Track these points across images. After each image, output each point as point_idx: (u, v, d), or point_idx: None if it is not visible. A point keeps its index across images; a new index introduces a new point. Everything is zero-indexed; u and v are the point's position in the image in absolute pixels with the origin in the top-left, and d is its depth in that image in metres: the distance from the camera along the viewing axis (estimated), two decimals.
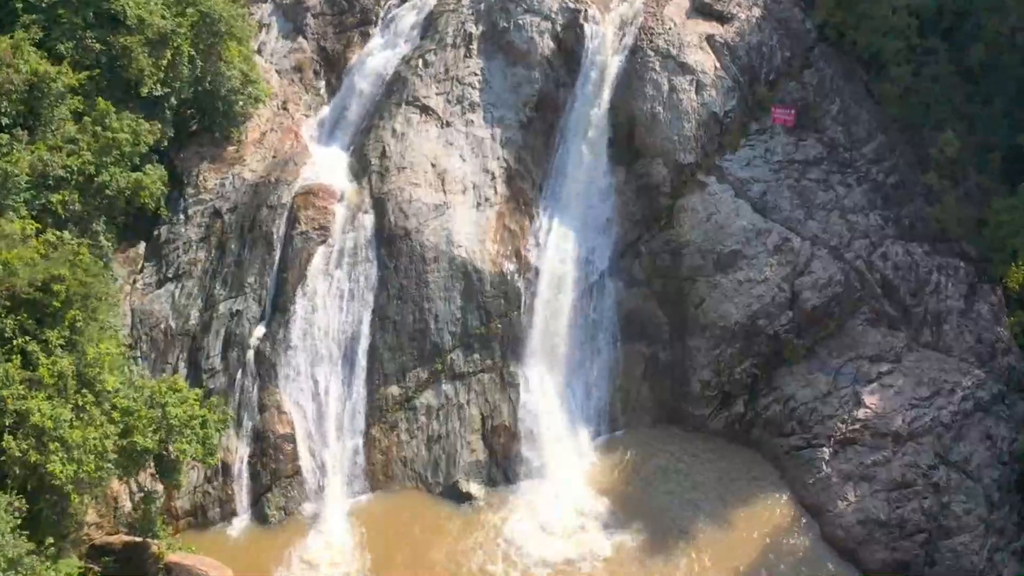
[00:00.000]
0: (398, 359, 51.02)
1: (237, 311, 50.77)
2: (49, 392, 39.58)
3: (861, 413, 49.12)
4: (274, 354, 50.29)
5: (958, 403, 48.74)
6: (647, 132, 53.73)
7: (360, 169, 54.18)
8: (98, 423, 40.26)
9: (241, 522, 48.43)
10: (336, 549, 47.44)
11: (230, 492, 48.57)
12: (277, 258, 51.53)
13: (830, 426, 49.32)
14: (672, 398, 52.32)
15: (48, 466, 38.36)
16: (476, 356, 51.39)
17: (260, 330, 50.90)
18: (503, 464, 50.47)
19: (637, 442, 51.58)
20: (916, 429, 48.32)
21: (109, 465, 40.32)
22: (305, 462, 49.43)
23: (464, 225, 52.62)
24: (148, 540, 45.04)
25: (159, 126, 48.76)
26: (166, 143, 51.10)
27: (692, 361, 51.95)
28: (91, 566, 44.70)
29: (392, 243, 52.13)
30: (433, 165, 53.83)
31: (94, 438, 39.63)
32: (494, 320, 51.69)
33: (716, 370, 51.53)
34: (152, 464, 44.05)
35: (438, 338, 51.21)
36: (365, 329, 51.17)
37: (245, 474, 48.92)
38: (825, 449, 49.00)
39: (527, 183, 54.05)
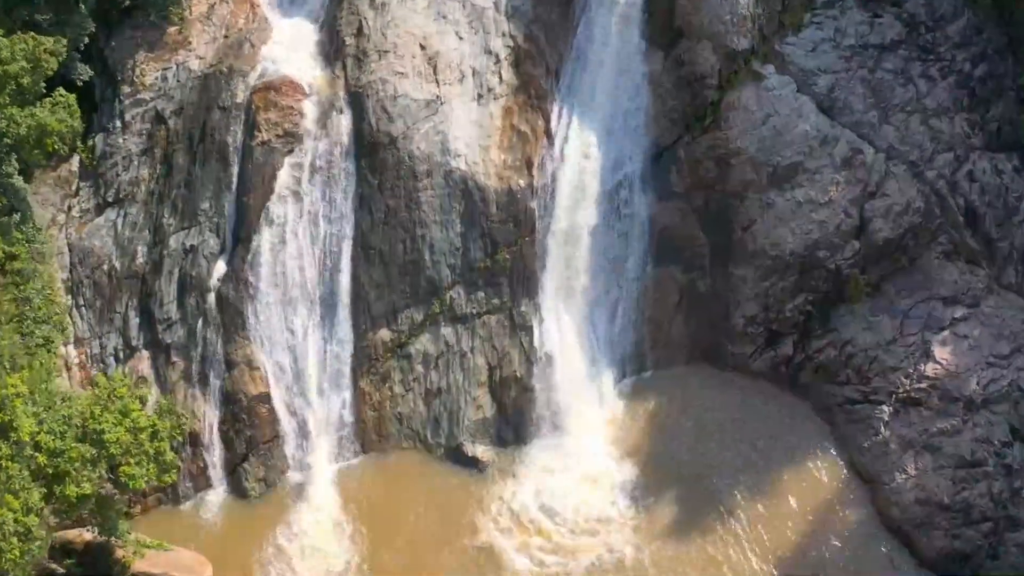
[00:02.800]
0: (387, 297, 43.45)
1: (191, 246, 42.41)
2: None
3: (930, 369, 42.47)
4: (239, 298, 42.55)
5: None
6: (692, 8, 43.57)
7: (332, 51, 43.93)
8: (19, 484, 33.11)
9: (217, 496, 42.69)
10: (325, 525, 42.09)
11: (201, 464, 42.41)
12: (235, 176, 42.69)
13: (892, 380, 42.85)
14: (710, 334, 45.24)
15: None
16: (480, 294, 43.63)
17: (220, 268, 42.88)
18: (513, 421, 43.93)
19: (668, 386, 45.12)
20: (991, 395, 42.05)
21: (39, 544, 33.64)
22: (285, 425, 43.02)
23: (463, 127, 43.28)
24: (112, 542, 39.42)
25: (64, 42, 37.79)
26: (87, 39, 40.39)
27: (736, 292, 44.47)
28: (52, 566, 39.56)
29: (374, 152, 43.01)
30: (422, 47, 43.55)
31: (15, 513, 32.60)
32: (501, 250, 43.45)
33: (764, 304, 44.23)
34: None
35: (434, 272, 43.31)
36: (346, 262, 43.38)
37: (217, 443, 42.58)
38: (884, 407, 42.71)
39: (540, 69, 43.99)
